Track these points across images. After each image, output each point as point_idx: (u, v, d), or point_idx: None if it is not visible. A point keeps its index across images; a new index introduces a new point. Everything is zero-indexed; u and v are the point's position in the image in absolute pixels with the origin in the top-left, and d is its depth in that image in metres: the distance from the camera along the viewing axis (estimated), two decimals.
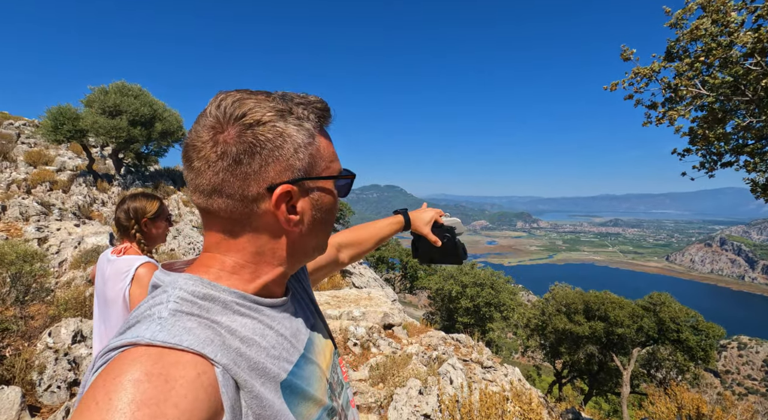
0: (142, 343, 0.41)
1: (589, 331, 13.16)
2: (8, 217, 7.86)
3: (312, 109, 0.54)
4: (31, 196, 9.27)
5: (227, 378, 0.43)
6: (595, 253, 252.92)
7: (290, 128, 0.50)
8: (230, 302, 0.51)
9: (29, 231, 6.78)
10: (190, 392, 0.39)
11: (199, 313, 0.47)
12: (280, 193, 0.50)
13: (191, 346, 0.42)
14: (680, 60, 3.08)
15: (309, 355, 0.59)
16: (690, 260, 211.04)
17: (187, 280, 0.50)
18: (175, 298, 0.48)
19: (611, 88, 3.34)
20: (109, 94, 11.27)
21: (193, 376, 0.40)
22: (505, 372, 5.65)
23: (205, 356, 0.42)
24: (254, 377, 0.46)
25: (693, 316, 13.18)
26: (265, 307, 0.55)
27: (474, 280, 17.74)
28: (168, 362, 0.40)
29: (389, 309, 6.76)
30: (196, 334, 0.43)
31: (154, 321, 0.44)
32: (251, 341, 0.49)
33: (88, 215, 9.46)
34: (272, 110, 0.50)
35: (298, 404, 0.52)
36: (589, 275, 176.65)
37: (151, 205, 1.60)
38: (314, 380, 0.57)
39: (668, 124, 3.23)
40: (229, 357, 0.44)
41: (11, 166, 11.44)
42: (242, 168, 0.49)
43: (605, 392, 15.79)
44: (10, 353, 2.93)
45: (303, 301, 0.69)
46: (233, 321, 0.50)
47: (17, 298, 3.33)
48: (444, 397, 3.08)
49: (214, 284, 0.51)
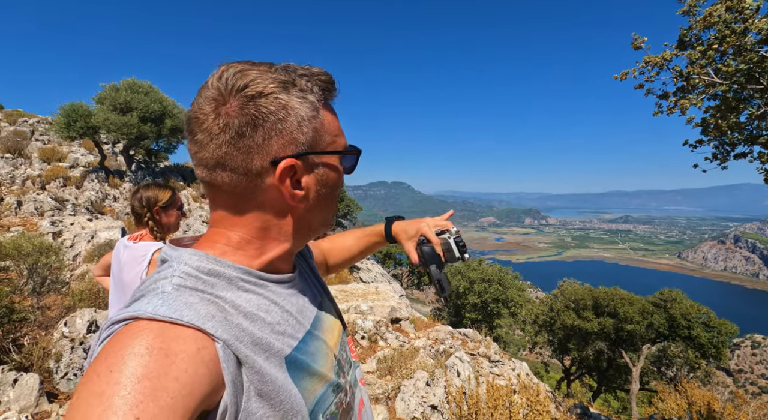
0: (144, 316, 0.41)
1: (598, 327, 13.03)
2: (24, 212, 8.04)
3: (316, 81, 0.52)
4: (46, 192, 9.46)
5: (228, 353, 0.43)
6: (605, 250, 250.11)
7: (293, 101, 0.49)
8: (235, 278, 0.51)
9: (44, 225, 6.94)
10: (191, 366, 0.39)
11: (203, 288, 0.47)
12: (284, 167, 0.49)
13: (191, 321, 0.42)
14: (693, 48, 3.01)
15: (315, 331, 0.59)
16: (702, 258, 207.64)
17: (192, 255, 0.50)
18: (180, 273, 0.48)
19: (621, 77, 3.28)
20: (120, 91, 11.42)
21: (193, 350, 0.40)
22: (512, 366, 5.65)
23: (206, 331, 0.42)
24: (257, 352, 0.46)
25: (705, 313, 12.97)
26: (271, 283, 0.55)
27: (482, 276, 17.69)
28: (169, 337, 0.40)
29: (396, 303, 6.78)
30: (197, 309, 0.43)
31: (157, 295, 0.44)
32: (255, 317, 0.49)
33: (101, 210, 9.63)
34: (275, 82, 0.48)
35: (303, 379, 0.52)
36: (599, 272, 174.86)
37: (163, 194, 1.65)
38: (320, 356, 0.57)
39: (680, 113, 3.16)
40: (230, 332, 0.44)
41: (26, 162, 11.67)
42: (245, 141, 0.48)
43: (614, 389, 15.67)
44: (28, 342, 3.02)
45: (310, 279, 0.70)
46: (238, 296, 0.50)
47: (34, 289, 3.42)
48: (451, 388, 3.10)
49: (220, 260, 0.51)
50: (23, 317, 3.02)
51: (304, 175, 0.52)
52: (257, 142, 0.48)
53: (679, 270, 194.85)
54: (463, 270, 18.52)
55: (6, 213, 7.82)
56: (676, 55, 3.15)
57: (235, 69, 0.49)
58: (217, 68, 0.50)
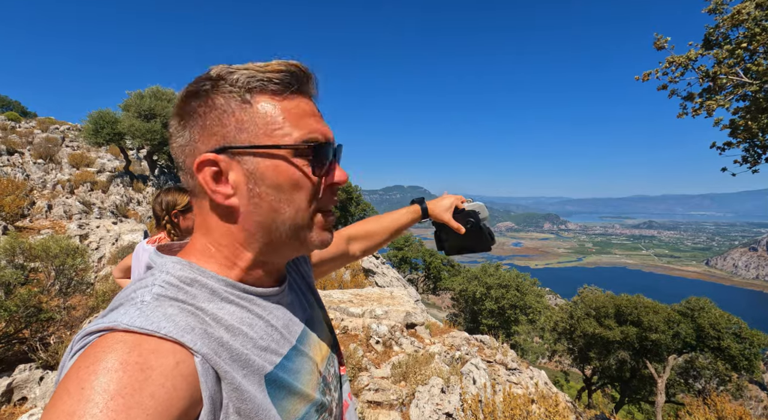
0: (119, 328, 0.39)
1: (621, 336, 12.58)
2: (53, 215, 8.39)
3: (257, 72, 0.48)
4: (74, 196, 9.85)
5: (207, 368, 0.41)
6: (628, 257, 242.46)
7: (218, 96, 0.48)
8: (218, 289, 0.49)
9: (71, 228, 7.21)
10: (168, 381, 0.37)
11: (183, 299, 0.46)
12: (200, 161, 0.47)
13: (169, 333, 0.40)
14: (719, 47, 2.87)
15: (301, 346, 0.57)
16: (733, 265, 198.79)
17: (175, 263, 0.49)
18: (161, 282, 0.46)
19: (643, 78, 3.16)
20: (145, 99, 11.82)
21: (171, 364, 0.38)
22: (530, 374, 5.51)
23: (184, 344, 0.40)
24: (236, 368, 0.44)
25: (735, 323, 12.35)
26: (256, 296, 0.53)
27: (499, 282, 17.41)
28: (145, 350, 0.38)
29: (412, 308, 6.73)
30: (176, 321, 0.42)
31: (135, 305, 0.42)
32: (237, 331, 0.47)
33: (125, 214, 9.95)
34: (206, 80, 0.49)
35: (283, 398, 0.49)
36: (621, 279, 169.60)
37: (182, 198, 1.69)
38: (304, 373, 0.55)
39: (706, 115, 3.02)
40: (209, 346, 0.43)
41: (56, 167, 12.20)
42: (179, 140, 0.50)
43: (638, 400, 15.09)
44: (54, 341, 3.13)
45: (300, 291, 0.67)
46: (220, 309, 0.48)
47: (61, 289, 3.56)
48: (467, 396, 3.04)
49: (202, 269, 0.49)
50: (50, 317, 3.13)
51: (231, 171, 0.48)
52: (187, 140, 0.49)
53: (707, 278, 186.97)
54: (480, 275, 18.28)
55: (37, 216, 8.17)
56: (702, 55, 3.02)
57: None
58: None
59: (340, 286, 8.21)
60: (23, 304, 2.83)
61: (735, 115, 3.13)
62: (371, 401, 3.37)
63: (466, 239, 1.04)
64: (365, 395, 3.39)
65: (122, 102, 11.99)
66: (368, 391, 3.47)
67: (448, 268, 25.34)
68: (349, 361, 3.73)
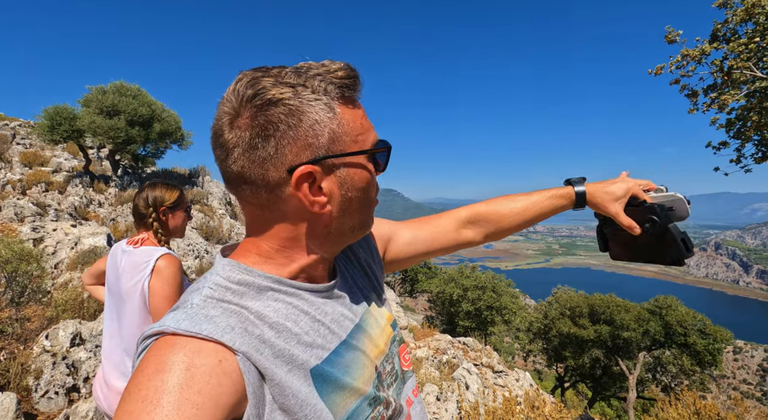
0: (168, 331, 0.42)
1: (595, 335, 13.01)
2: (3, 218, 7.66)
3: (331, 79, 0.49)
4: (27, 197, 9.07)
5: (248, 365, 0.43)
6: (591, 257, 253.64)
7: (305, 105, 0.47)
8: (264, 287, 0.51)
9: (24, 231, 6.59)
10: (213, 378, 0.39)
11: (230, 299, 0.48)
12: (300, 175, 0.47)
13: (210, 334, 0.42)
14: (728, 42, 2.92)
15: (353, 341, 0.57)
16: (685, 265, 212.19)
17: (226, 265, 0.52)
18: (211, 283, 0.49)
19: (656, 72, 3.18)
20: (107, 94, 11.10)
21: (214, 362, 0.41)
22: (516, 376, 5.51)
23: (224, 344, 0.42)
24: (278, 365, 0.46)
25: (700, 320, 13.07)
26: (304, 291, 0.54)
27: (475, 284, 17.60)
28: (190, 350, 0.40)
29: (395, 312, 6.60)
30: (217, 322, 0.44)
31: (185, 309, 0.46)
32: (281, 327, 0.49)
33: (85, 216, 9.26)
34: (284, 87, 0.47)
35: (332, 392, 0.50)
36: (587, 279, 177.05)
37: (170, 195, 1.53)
38: (355, 368, 0.55)
39: (718, 110, 3.06)
40: (250, 344, 0.44)
41: (6, 166, 11.23)
42: (258, 152, 0.47)
43: (608, 397, 15.64)
44: (5, 357, 2.75)
45: (358, 284, 0.66)
46: (266, 306, 0.50)
47: (12, 299, 3.15)
48: (464, 404, 2.93)
49: (251, 269, 0.51)
50: (1, 330, 2.75)
51: (325, 180, 0.50)
52: (270, 153, 0.47)
53: (663, 277, 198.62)
54: (456, 277, 18.43)
55: None
56: (717, 49, 3.05)
57: (247, 78, 0.47)
58: (235, 79, 0.49)
59: None
60: None
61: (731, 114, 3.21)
62: None
63: (643, 243, 0.76)
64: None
65: (82, 97, 11.21)
66: None
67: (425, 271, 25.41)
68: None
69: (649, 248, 0.77)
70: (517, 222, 0.84)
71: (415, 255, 0.82)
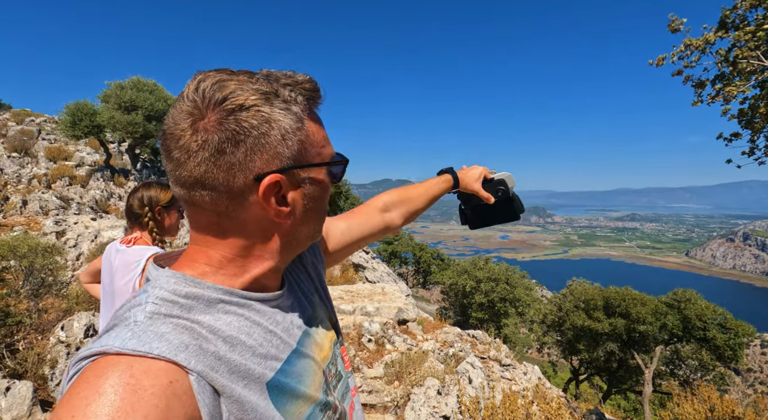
0: (111, 352, 0.39)
1: (609, 328, 12.76)
2: (29, 211, 8.01)
3: (300, 90, 0.49)
4: (51, 191, 9.43)
5: (203, 385, 0.41)
6: (611, 249, 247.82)
7: (276, 113, 0.47)
8: (215, 299, 0.48)
9: (48, 225, 6.88)
10: (162, 401, 0.37)
11: (179, 314, 0.45)
12: (268, 183, 0.47)
13: (162, 353, 0.40)
14: (736, 30, 2.75)
15: (302, 348, 0.57)
16: (711, 256, 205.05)
17: (170, 277, 0.48)
18: (154, 298, 0.46)
19: (658, 62, 3.04)
20: (125, 90, 11.36)
21: (165, 384, 0.38)
22: (524, 370, 5.48)
23: (178, 363, 0.40)
24: (235, 381, 0.44)
25: (721, 314, 12.64)
26: (255, 301, 0.52)
27: (488, 276, 17.49)
28: (137, 371, 0.38)
29: (403, 304, 6.63)
30: (169, 339, 0.41)
31: (127, 326, 0.42)
32: (235, 341, 0.47)
33: (105, 209, 9.59)
34: (256, 93, 0.46)
35: (287, 403, 0.50)
36: (606, 271, 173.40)
37: (165, 194, 1.57)
38: (307, 375, 0.55)
39: (723, 102, 2.92)
40: (205, 362, 0.42)
41: (32, 161, 11.68)
42: (226, 158, 0.45)
43: (624, 391, 15.41)
44: (23, 347, 2.91)
45: (303, 289, 0.66)
46: (217, 320, 0.47)
47: (31, 291, 3.32)
48: (464, 398, 2.94)
49: (198, 281, 0.48)
50: (18, 321, 2.91)
51: (290, 190, 0.50)
52: (239, 159, 0.46)
53: (687, 268, 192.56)
54: (469, 269, 18.35)
55: (11, 212, 7.79)
56: (721, 38, 2.88)
57: (212, 79, 0.46)
58: (193, 78, 0.47)
59: (329, 282, 8.06)
60: None
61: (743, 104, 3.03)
62: (365, 403, 3.25)
63: (494, 209, 1.04)
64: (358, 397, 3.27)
65: (101, 93, 11.51)
66: (361, 392, 3.34)
67: (438, 262, 25.40)
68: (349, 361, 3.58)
69: (500, 211, 1.05)
70: (423, 202, 1.02)
71: (351, 242, 0.87)
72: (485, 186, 1.05)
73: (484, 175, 1.05)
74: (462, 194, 1.06)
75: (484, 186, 1.05)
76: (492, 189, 1.03)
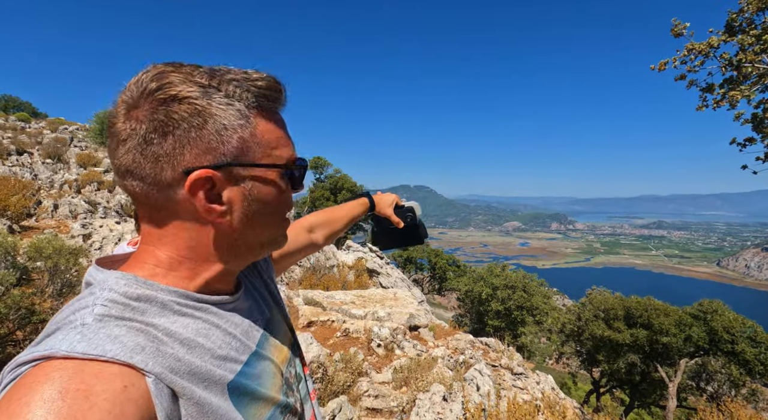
0: (57, 355, 0.36)
1: (630, 339, 12.29)
2: (59, 215, 8.42)
3: (248, 87, 0.48)
4: (80, 196, 9.90)
5: (161, 387, 0.39)
6: (637, 257, 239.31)
7: (213, 107, 0.45)
8: (169, 302, 0.47)
9: (75, 228, 7.22)
10: (116, 407, 0.35)
11: (131, 317, 0.43)
12: (196, 178, 0.45)
13: (117, 356, 0.38)
14: (744, 33, 2.67)
15: (262, 351, 0.56)
16: (745, 266, 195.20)
17: (119, 279, 0.46)
18: (103, 300, 0.43)
19: (660, 67, 2.98)
20: None
21: (119, 388, 0.36)
22: (537, 379, 5.37)
23: (134, 366, 0.38)
24: (195, 382, 0.43)
25: (750, 327, 12.00)
26: (211, 305, 0.52)
27: (505, 283, 17.20)
28: (88, 375, 0.35)
29: (415, 310, 6.62)
30: (123, 341, 0.39)
31: (75, 329, 0.39)
32: (193, 343, 0.46)
33: (129, 213, 9.97)
34: (194, 86, 0.45)
35: (248, 404, 0.49)
36: (630, 280, 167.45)
37: None
38: (267, 378, 0.55)
39: (728, 107, 2.83)
40: (163, 364, 0.41)
41: (64, 167, 12.30)
42: (152, 148, 0.44)
43: (648, 405, 14.79)
44: None
45: (258, 293, 0.66)
46: (173, 322, 0.46)
47: (55, 290, 3.51)
48: (469, 405, 2.93)
49: (151, 283, 0.47)
50: (43, 319, 3.08)
51: (227, 188, 0.48)
52: (166, 151, 0.45)
53: (718, 279, 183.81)
54: (486, 276, 18.09)
55: (43, 215, 8.21)
56: (725, 42, 2.80)
57: (155, 71, 0.46)
58: (143, 69, 0.47)
59: (343, 287, 8.12)
60: (15, 306, 2.77)
61: (758, 108, 2.93)
62: (370, 408, 3.27)
63: (402, 233, 1.16)
64: (364, 401, 3.29)
65: None
66: (367, 397, 3.36)
67: (453, 269, 25.15)
68: (349, 365, 3.62)
69: (406, 236, 1.17)
70: (344, 223, 1.09)
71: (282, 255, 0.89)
72: (396, 212, 1.16)
73: (396, 201, 1.17)
74: (375, 217, 1.17)
75: (395, 212, 1.16)
76: (402, 214, 1.15)
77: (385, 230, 1.18)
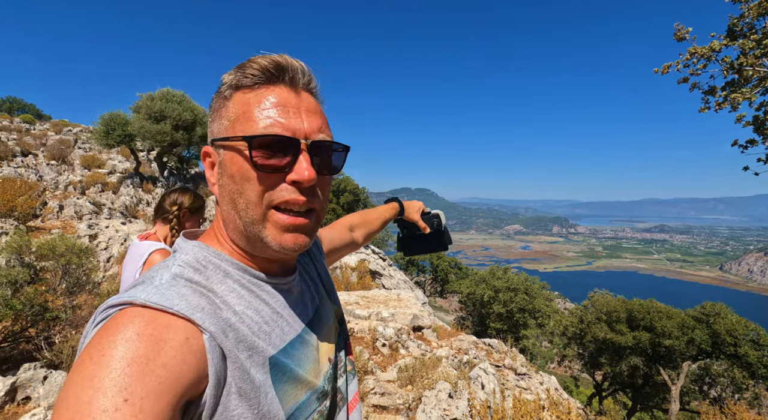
0: (137, 302, 0.42)
1: (633, 341, 12.27)
2: (64, 216, 8.48)
3: (242, 69, 0.53)
4: (85, 197, 9.97)
5: (214, 345, 0.44)
6: (639, 261, 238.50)
7: (216, 96, 0.55)
8: (232, 272, 0.53)
9: (81, 228, 7.28)
10: (179, 354, 0.40)
11: (198, 280, 0.49)
12: (204, 151, 0.55)
13: (181, 310, 0.43)
14: (745, 38, 2.73)
15: (306, 336, 0.58)
16: (747, 270, 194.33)
17: (195, 247, 0.53)
18: (180, 262, 0.50)
19: (663, 70, 3.04)
20: (155, 101, 11.92)
21: (182, 339, 0.41)
22: (540, 380, 5.39)
23: (194, 322, 0.43)
24: (241, 349, 0.47)
25: (753, 330, 11.95)
26: (266, 283, 0.56)
27: (507, 285, 17.20)
28: (160, 324, 0.41)
29: (419, 311, 6.65)
30: (189, 300, 0.45)
31: (153, 283, 0.46)
32: (244, 315, 0.50)
33: (134, 214, 10.03)
34: (226, 79, 0.53)
35: (284, 382, 0.51)
36: (632, 283, 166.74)
37: (195, 202, 1.79)
38: (307, 362, 0.56)
39: (730, 109, 2.88)
40: (217, 325, 0.45)
41: (69, 169, 12.39)
42: (208, 125, 0.57)
43: (651, 408, 14.72)
44: (59, 340, 3.12)
45: (312, 281, 0.69)
46: (230, 292, 0.51)
47: (67, 288, 3.56)
48: (475, 402, 2.96)
49: (218, 252, 0.53)
50: (56, 316, 3.14)
51: (216, 161, 0.54)
52: (211, 128, 0.56)
53: (721, 283, 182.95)
54: (487, 278, 18.09)
55: (49, 216, 8.27)
56: (726, 46, 2.87)
57: None
58: None
59: (346, 288, 8.15)
60: (29, 303, 2.82)
61: (759, 110, 2.98)
62: (377, 405, 3.30)
63: (428, 239, 1.20)
64: (370, 399, 3.32)
65: (133, 104, 12.12)
66: (374, 394, 3.39)
67: (455, 271, 25.13)
68: (355, 364, 3.65)
69: (431, 241, 1.20)
70: (378, 225, 1.16)
71: (331, 250, 0.95)
72: (422, 218, 1.21)
73: (422, 208, 1.23)
74: (402, 222, 1.21)
75: (421, 218, 1.21)
76: (429, 221, 1.20)
77: (411, 235, 1.21)
